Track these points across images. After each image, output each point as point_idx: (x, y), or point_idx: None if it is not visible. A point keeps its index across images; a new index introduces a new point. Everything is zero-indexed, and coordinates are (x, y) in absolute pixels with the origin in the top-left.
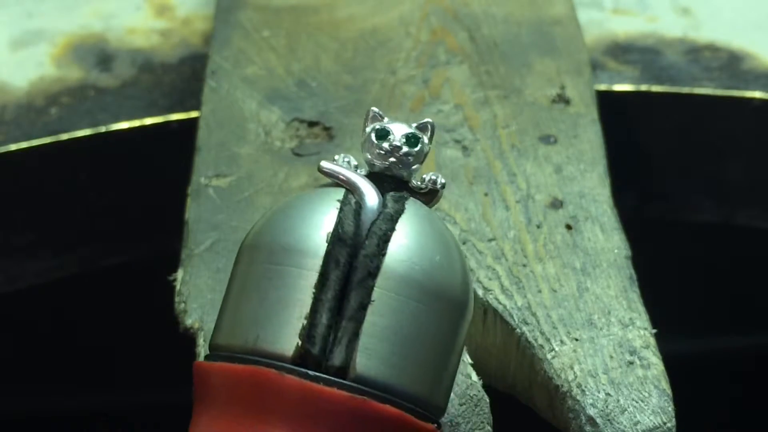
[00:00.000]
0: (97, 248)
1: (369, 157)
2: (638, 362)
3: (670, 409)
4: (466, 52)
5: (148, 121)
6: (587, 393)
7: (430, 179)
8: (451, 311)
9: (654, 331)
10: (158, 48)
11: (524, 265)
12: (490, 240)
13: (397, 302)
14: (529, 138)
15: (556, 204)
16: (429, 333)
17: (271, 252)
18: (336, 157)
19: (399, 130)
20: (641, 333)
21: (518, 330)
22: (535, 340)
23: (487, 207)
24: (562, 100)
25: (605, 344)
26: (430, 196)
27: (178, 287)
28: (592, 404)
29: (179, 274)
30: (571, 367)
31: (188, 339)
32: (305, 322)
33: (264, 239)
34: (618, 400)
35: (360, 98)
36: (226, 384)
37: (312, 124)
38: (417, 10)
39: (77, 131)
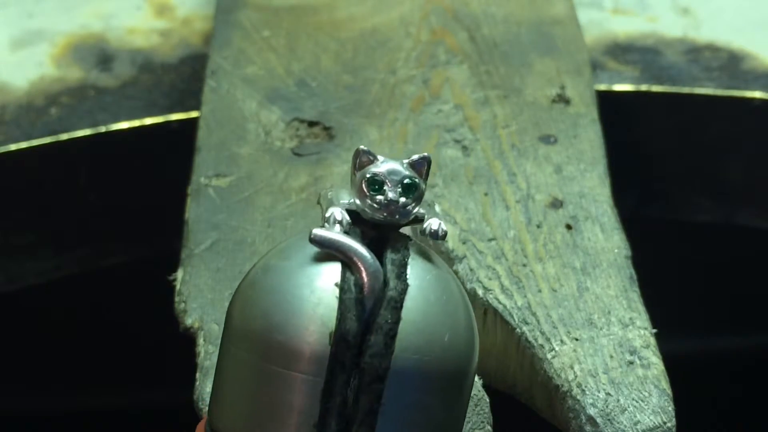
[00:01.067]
0: (97, 248)
1: (361, 206)
2: (638, 362)
3: (670, 408)
4: (466, 52)
5: (148, 121)
6: (587, 393)
7: (431, 231)
8: (461, 383)
9: (654, 330)
10: (158, 48)
11: (524, 265)
12: (490, 240)
13: (410, 400)
14: (529, 138)
15: (556, 204)
16: (441, 418)
17: (268, 349)
18: (334, 213)
19: (394, 177)
20: (641, 333)
21: (518, 330)
22: (535, 339)
23: (487, 207)
24: (562, 100)
25: (605, 344)
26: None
27: (178, 287)
28: (592, 404)
29: (179, 273)
30: (571, 367)
31: (188, 339)
32: (314, 431)
33: (256, 329)
34: (618, 400)
35: (360, 98)
36: None
37: (312, 124)
38: (417, 10)
39: (77, 131)
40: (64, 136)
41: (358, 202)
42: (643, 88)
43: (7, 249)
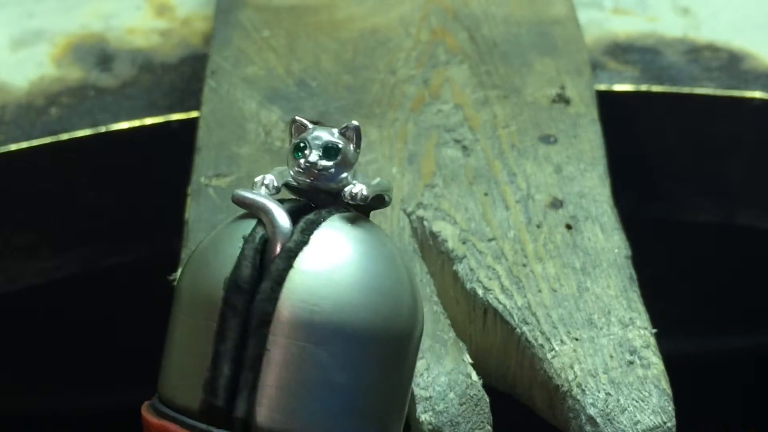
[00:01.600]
0: (97, 248)
1: (289, 172)
2: (638, 362)
3: (670, 408)
4: (466, 52)
5: (148, 121)
6: (587, 393)
7: (351, 194)
8: (372, 348)
9: (654, 330)
10: (158, 48)
11: (524, 265)
12: (490, 240)
13: (297, 349)
14: (529, 138)
15: (556, 204)
16: (342, 380)
17: (185, 302)
18: (264, 177)
19: (316, 141)
20: (641, 333)
21: (518, 330)
22: (535, 339)
23: (487, 207)
24: (562, 100)
25: (605, 344)
26: (368, 207)
27: None
28: (592, 404)
29: (179, 274)
30: (571, 367)
31: None
32: (208, 374)
33: (180, 285)
34: (618, 400)
35: (360, 98)
36: None
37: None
38: (417, 10)
39: (77, 131)
40: (64, 136)
41: (290, 171)
42: (643, 88)
43: (7, 249)
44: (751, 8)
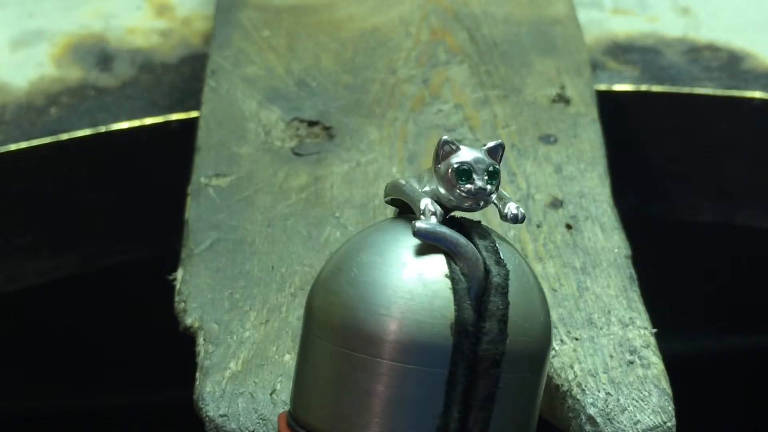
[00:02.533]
0: (97, 248)
1: (448, 196)
2: (638, 361)
3: (670, 408)
4: (466, 52)
5: (148, 121)
6: (587, 392)
7: (511, 215)
8: (548, 358)
9: (654, 330)
10: (158, 48)
11: None
12: None
13: (519, 381)
14: (529, 138)
15: (556, 203)
16: (540, 395)
17: (384, 345)
18: (428, 204)
19: (479, 165)
20: (641, 332)
21: None
22: None
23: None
24: (562, 99)
25: (605, 343)
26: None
27: (177, 286)
28: (592, 403)
29: (179, 273)
30: (571, 367)
31: (188, 338)
32: (439, 421)
33: (370, 328)
34: (618, 400)
35: (360, 98)
36: None
37: (312, 123)
38: (417, 10)
39: (77, 131)
40: (64, 136)
41: (442, 191)
42: (643, 88)
43: (7, 249)
44: (751, 8)
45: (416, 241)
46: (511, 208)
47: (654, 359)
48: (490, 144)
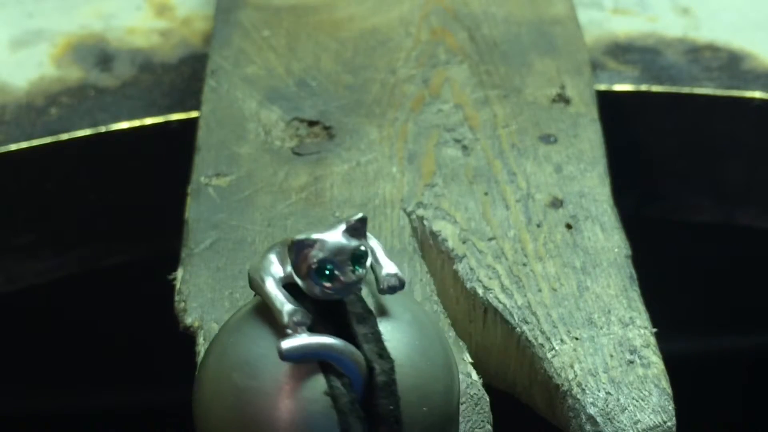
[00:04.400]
0: (97, 248)
1: (311, 291)
2: (638, 361)
3: (670, 408)
4: (466, 51)
5: (148, 121)
6: (587, 392)
7: (388, 287)
8: (457, 414)
9: (654, 330)
10: (158, 48)
11: (524, 265)
12: (490, 239)
13: None
14: (529, 137)
15: (556, 203)
16: None
17: None
18: (292, 315)
19: (341, 257)
20: (641, 332)
21: (518, 329)
22: (536, 339)
23: (487, 206)
24: (562, 99)
25: (605, 343)
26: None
27: (177, 286)
28: (592, 403)
29: (179, 273)
30: (572, 366)
31: (188, 338)
32: None
33: None
34: (618, 399)
35: (360, 98)
36: None
37: (312, 123)
38: (417, 10)
39: (77, 131)
40: (64, 136)
41: (304, 285)
42: (643, 88)
43: (7, 249)
44: (751, 8)
45: None
46: (389, 280)
47: (654, 359)
48: (352, 220)
